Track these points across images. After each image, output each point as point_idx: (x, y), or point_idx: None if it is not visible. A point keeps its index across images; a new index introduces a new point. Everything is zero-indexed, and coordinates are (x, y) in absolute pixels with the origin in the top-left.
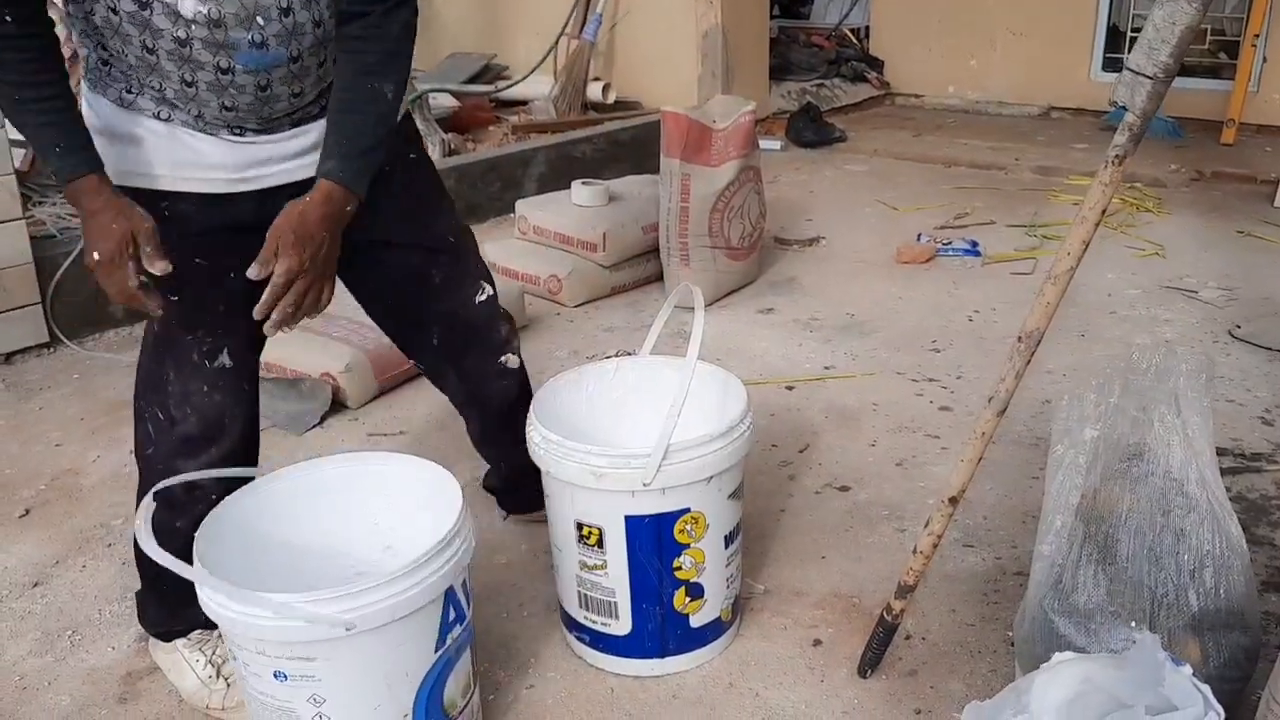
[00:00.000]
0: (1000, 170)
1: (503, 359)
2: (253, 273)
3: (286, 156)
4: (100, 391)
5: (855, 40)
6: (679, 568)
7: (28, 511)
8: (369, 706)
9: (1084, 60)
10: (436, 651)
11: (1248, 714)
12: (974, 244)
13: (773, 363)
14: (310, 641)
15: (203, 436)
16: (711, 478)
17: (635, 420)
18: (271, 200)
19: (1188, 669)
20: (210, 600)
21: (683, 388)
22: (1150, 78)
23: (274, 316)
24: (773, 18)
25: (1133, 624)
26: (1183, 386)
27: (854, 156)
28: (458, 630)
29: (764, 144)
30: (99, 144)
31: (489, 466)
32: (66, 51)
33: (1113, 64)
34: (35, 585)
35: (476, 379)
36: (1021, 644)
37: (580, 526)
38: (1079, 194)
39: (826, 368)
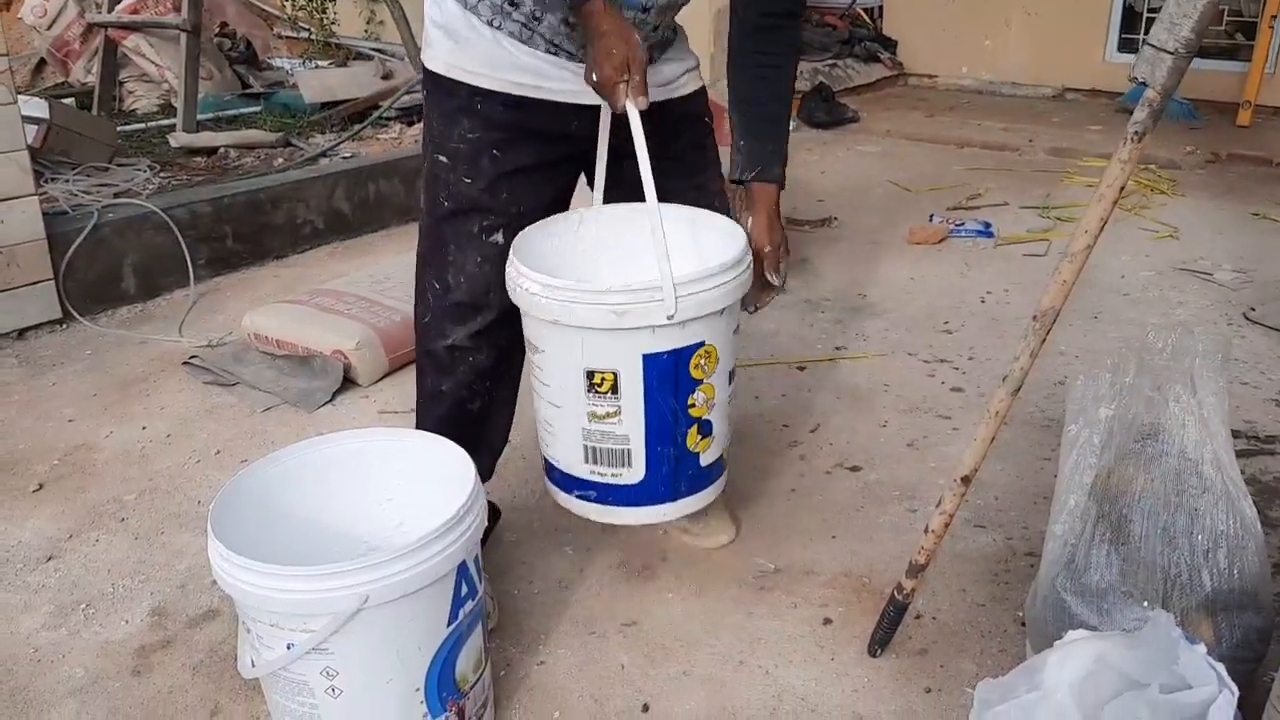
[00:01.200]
0: (1014, 151)
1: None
2: (776, 280)
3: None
4: (113, 368)
5: (868, 20)
6: (693, 405)
7: (41, 486)
8: (382, 680)
9: (1099, 41)
10: (449, 626)
11: (1260, 695)
12: (986, 225)
13: (784, 343)
14: (324, 615)
15: (470, 304)
16: (724, 310)
17: (613, 266)
18: (559, 114)
19: (1202, 648)
20: (222, 571)
21: (657, 226)
22: (1171, 53)
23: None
24: None
25: (1145, 603)
26: (1199, 367)
27: (867, 137)
28: (469, 605)
29: None
30: (437, 36)
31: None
32: None
33: (1128, 45)
34: (49, 559)
35: None
36: (1033, 623)
37: (591, 375)
38: (1093, 176)
39: (838, 348)
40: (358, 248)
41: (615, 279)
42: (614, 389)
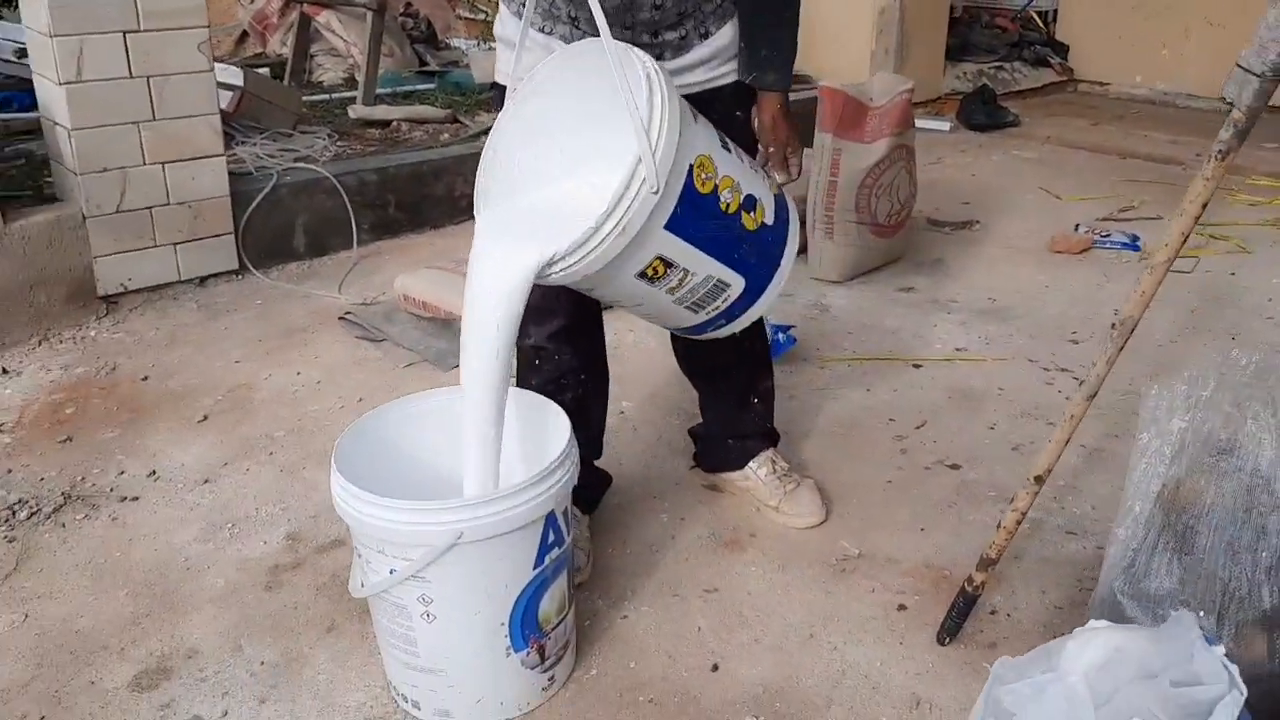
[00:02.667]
0: (1178, 165)
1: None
2: (781, 178)
3: None
4: (278, 317)
5: (1041, 24)
6: (726, 207)
7: (206, 418)
8: (470, 611)
9: None
10: (534, 569)
11: None
12: (1134, 238)
13: (904, 340)
14: (422, 546)
15: (544, 307)
16: (681, 132)
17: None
18: None
19: (1220, 649)
20: (340, 499)
21: (630, 101)
22: (1259, 75)
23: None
24: None
25: (1200, 613)
26: None
27: (1025, 142)
28: (556, 552)
29: (931, 124)
30: (500, 50)
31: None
32: None
33: None
34: (205, 482)
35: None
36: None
37: (641, 275)
38: (1260, 195)
39: (958, 349)
40: None
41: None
42: (666, 266)
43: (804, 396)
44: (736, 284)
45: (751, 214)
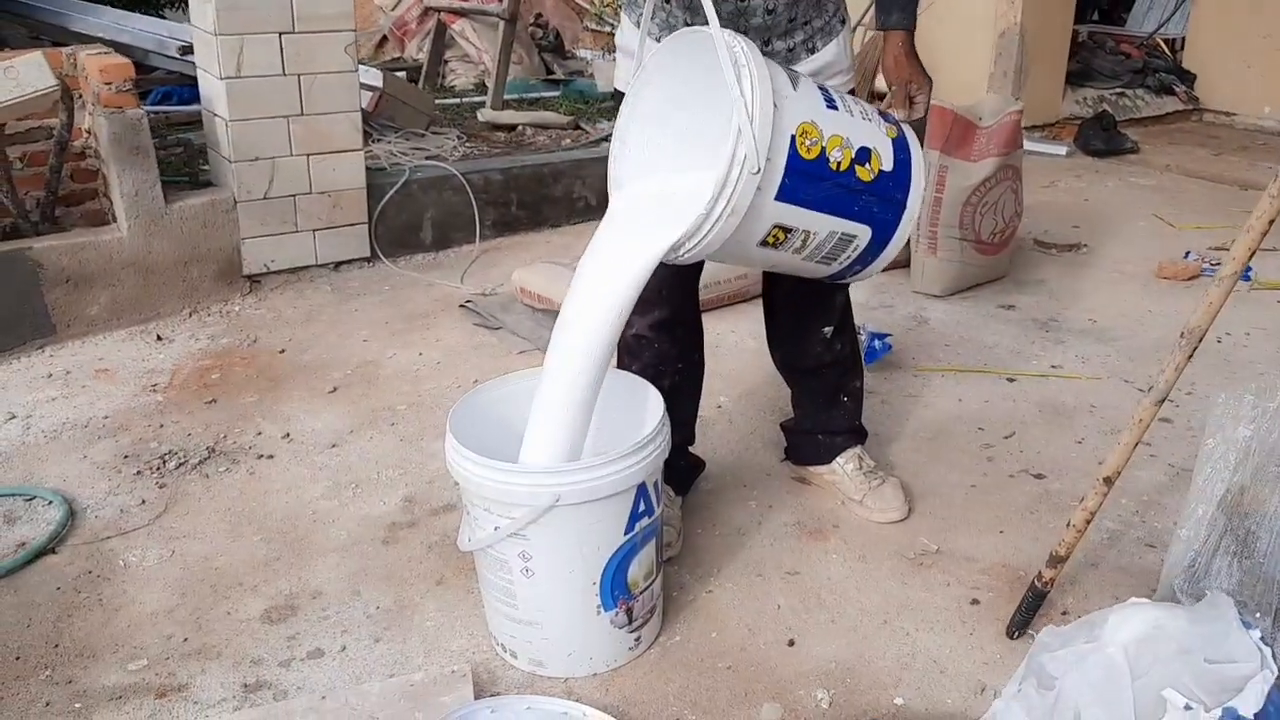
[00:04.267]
0: None
1: (825, 328)
2: (900, 115)
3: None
4: (404, 303)
5: (1167, 51)
6: (837, 165)
7: (335, 389)
8: (566, 569)
9: None
10: (625, 535)
11: None
12: (1247, 267)
13: (1000, 355)
14: (524, 506)
15: (646, 299)
16: (775, 105)
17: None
18: None
19: (1257, 632)
20: (452, 460)
21: (733, 84)
22: None
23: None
24: (1090, 21)
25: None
26: None
27: (1143, 170)
28: (645, 521)
29: (1048, 148)
30: (621, 59)
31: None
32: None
33: None
34: (333, 446)
35: (799, 333)
36: None
37: (763, 242)
38: None
39: (1053, 366)
40: None
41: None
42: (785, 231)
43: (896, 402)
44: (863, 234)
45: (866, 165)
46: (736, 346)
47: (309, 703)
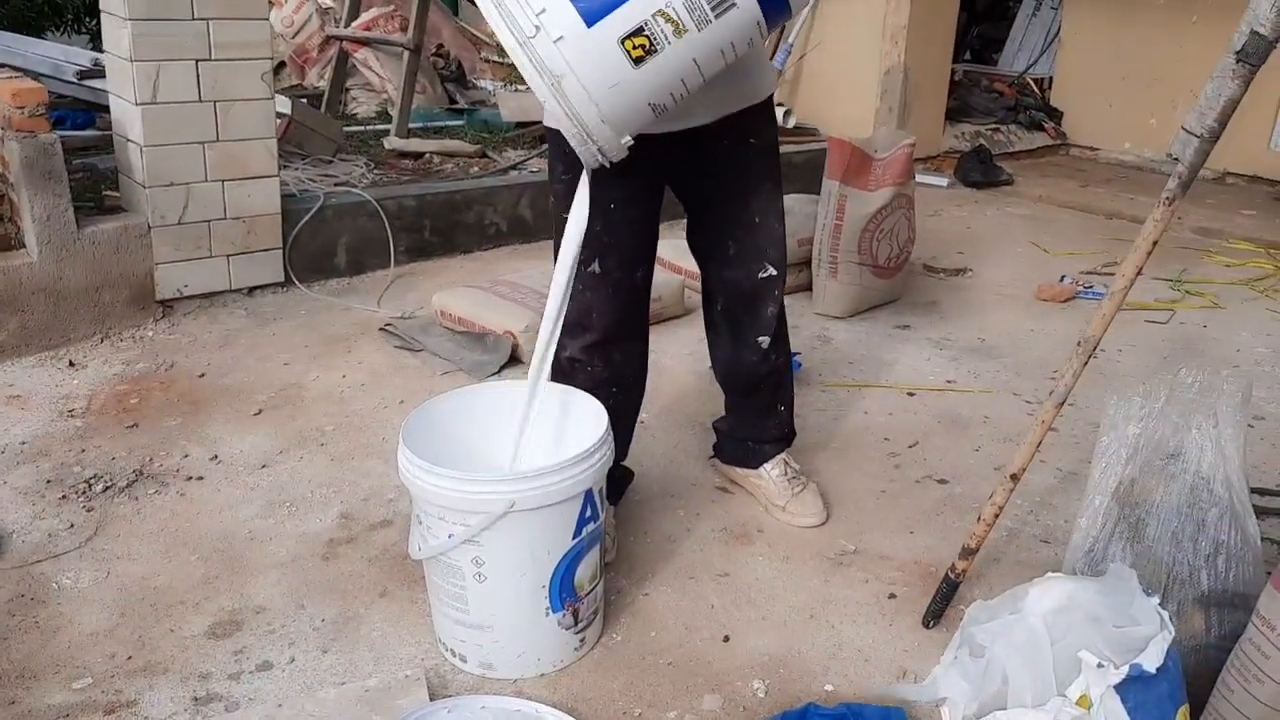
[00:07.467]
0: None
1: (759, 338)
2: None
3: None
4: (322, 327)
5: (1037, 90)
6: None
7: (260, 411)
8: (517, 573)
9: (1265, 129)
10: (573, 539)
11: None
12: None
13: (900, 372)
14: (479, 512)
15: (578, 323)
16: None
17: None
18: (642, 147)
19: (1155, 599)
20: (406, 472)
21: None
22: (1198, 136)
23: None
24: (964, 60)
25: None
26: (1222, 404)
27: (1018, 200)
28: (591, 526)
29: (931, 179)
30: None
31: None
32: None
33: None
34: (263, 466)
35: (736, 344)
36: None
37: (632, 55)
38: (1236, 257)
39: (948, 381)
40: (534, 251)
41: None
42: (636, 35)
43: (807, 415)
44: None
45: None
46: (656, 364)
47: (265, 711)
